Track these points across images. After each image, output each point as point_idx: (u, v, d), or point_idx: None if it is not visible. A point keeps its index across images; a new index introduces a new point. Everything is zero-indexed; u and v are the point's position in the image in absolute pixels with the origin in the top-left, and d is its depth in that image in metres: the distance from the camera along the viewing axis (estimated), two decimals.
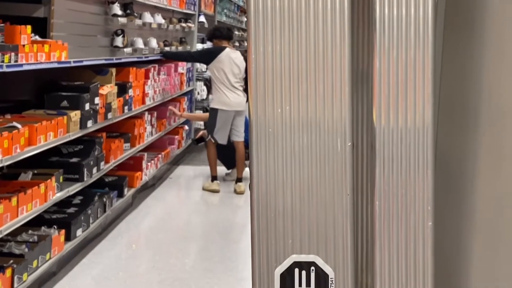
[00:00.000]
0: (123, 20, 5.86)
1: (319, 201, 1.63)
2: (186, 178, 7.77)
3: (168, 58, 7.45)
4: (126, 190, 5.93)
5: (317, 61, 1.61)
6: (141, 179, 6.39)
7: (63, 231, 4.45)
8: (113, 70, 5.58)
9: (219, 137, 6.97)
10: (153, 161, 6.80)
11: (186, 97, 8.53)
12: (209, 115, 7.13)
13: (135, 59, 6.44)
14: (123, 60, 5.97)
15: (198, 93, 9.36)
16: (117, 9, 5.79)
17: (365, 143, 1.77)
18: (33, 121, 4.11)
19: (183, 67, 8.25)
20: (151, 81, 6.69)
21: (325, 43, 1.61)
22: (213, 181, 7.08)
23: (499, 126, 1.78)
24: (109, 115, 5.32)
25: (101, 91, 5.16)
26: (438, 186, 1.67)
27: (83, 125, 4.75)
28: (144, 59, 6.72)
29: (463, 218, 1.85)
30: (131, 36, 6.33)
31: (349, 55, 1.61)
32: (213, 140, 7.01)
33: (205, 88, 9.44)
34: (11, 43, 3.75)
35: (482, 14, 1.78)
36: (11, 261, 3.81)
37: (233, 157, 7.21)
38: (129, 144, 6.08)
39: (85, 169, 4.86)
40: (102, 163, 5.22)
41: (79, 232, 4.75)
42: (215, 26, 8.69)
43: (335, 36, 1.61)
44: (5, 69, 3.62)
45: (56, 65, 4.29)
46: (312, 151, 1.63)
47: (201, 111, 9.19)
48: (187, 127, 8.56)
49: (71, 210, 4.87)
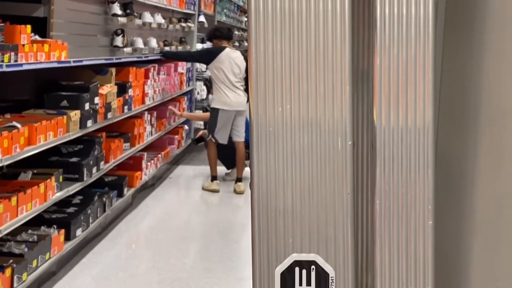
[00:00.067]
0: (123, 19, 5.86)
1: (320, 200, 1.63)
2: (186, 178, 7.78)
3: (168, 58, 7.45)
4: (125, 190, 5.94)
5: (317, 60, 1.61)
6: (141, 179, 6.39)
7: (62, 231, 4.45)
8: (113, 70, 5.58)
9: (220, 137, 6.98)
10: (152, 161, 6.80)
11: (186, 97, 8.53)
12: (210, 115, 7.13)
13: (135, 59, 6.44)
14: (123, 60, 5.98)
15: (198, 93, 9.36)
16: (117, 8, 5.79)
17: (366, 142, 1.77)
18: (33, 120, 4.11)
19: (183, 67, 8.25)
20: (151, 81, 6.69)
21: (325, 42, 1.61)
22: (213, 181, 7.08)
23: (499, 126, 1.78)
24: (109, 115, 5.32)
25: (101, 91, 5.16)
26: (438, 185, 1.67)
27: (83, 124, 4.75)
28: (144, 59, 6.72)
29: (463, 218, 1.85)
30: (131, 36, 6.33)
31: (350, 55, 1.61)
32: (214, 140, 7.01)
33: (205, 88, 9.44)
34: (11, 42, 3.75)
35: (482, 14, 1.78)
36: (11, 261, 3.81)
37: (233, 157, 7.22)
38: (128, 144, 6.08)
39: (85, 169, 4.86)
40: (101, 163, 5.22)
41: (79, 231, 4.75)
42: (215, 26, 8.71)
43: (336, 35, 1.61)
44: (5, 69, 3.62)
45: (56, 65, 4.29)
46: (312, 150, 1.63)
47: (201, 111, 9.19)
48: (187, 127, 8.56)
49: (71, 209, 4.87)
